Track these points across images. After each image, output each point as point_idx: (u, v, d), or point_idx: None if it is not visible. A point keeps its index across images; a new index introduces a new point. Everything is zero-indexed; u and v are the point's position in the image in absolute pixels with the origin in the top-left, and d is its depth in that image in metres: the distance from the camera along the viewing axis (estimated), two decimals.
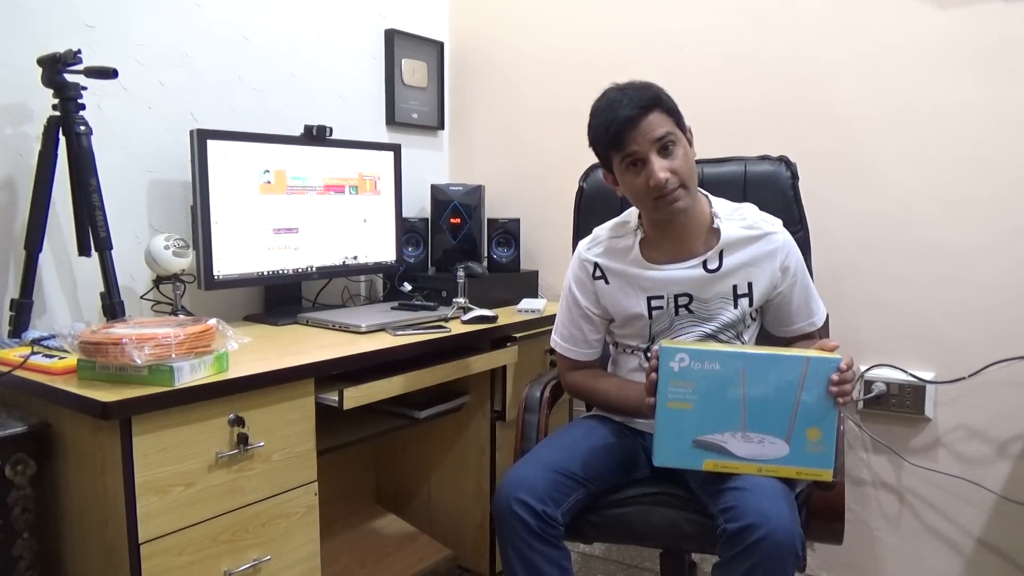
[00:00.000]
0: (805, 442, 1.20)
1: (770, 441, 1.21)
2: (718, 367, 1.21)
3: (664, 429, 1.23)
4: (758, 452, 1.22)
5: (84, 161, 1.50)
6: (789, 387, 1.19)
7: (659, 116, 1.32)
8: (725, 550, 1.18)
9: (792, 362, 1.20)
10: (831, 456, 1.20)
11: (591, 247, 1.52)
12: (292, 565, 1.44)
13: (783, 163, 1.67)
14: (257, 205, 1.81)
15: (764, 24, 1.99)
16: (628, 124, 1.31)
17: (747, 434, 1.22)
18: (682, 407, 1.22)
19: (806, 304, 1.47)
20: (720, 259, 1.42)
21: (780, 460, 1.21)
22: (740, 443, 1.22)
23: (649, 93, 1.33)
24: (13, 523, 1.26)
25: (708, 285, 1.43)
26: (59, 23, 1.59)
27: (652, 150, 1.31)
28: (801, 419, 1.20)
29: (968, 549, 1.85)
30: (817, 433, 1.20)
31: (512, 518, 1.26)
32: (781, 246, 1.43)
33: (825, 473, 1.21)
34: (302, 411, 1.44)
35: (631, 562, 2.16)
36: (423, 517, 2.13)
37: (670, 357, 1.22)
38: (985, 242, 1.77)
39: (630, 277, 1.46)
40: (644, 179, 1.32)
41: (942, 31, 1.77)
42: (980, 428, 1.82)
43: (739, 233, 1.42)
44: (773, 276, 1.43)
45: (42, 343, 1.42)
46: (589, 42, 2.27)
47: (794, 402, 1.20)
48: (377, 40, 2.32)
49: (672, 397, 1.22)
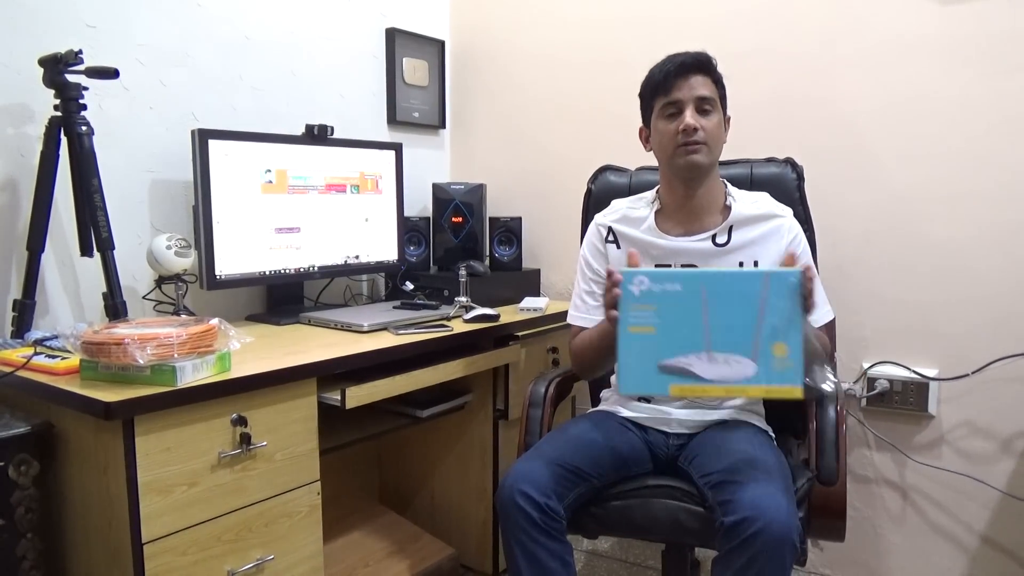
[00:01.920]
0: (772, 359, 1.16)
1: (736, 360, 1.17)
2: (679, 288, 1.18)
3: (627, 355, 1.20)
4: (725, 373, 1.18)
5: (86, 161, 1.50)
6: (751, 304, 1.16)
7: (707, 81, 1.44)
8: (723, 543, 1.19)
9: (752, 277, 1.18)
10: (799, 371, 1.16)
11: (608, 214, 1.59)
12: (295, 565, 1.45)
13: (789, 165, 1.68)
14: (259, 205, 1.81)
15: (766, 20, 1.98)
16: (681, 72, 1.42)
17: (712, 355, 1.18)
18: (645, 331, 1.19)
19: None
20: (729, 234, 1.47)
21: (748, 380, 1.17)
22: (706, 364, 1.18)
23: (708, 57, 1.45)
24: (17, 523, 1.26)
25: (715, 259, 1.47)
26: (60, 23, 1.59)
27: (692, 104, 1.42)
28: (766, 335, 1.16)
29: (972, 546, 1.85)
30: (784, 348, 1.16)
31: (515, 511, 1.27)
32: (789, 228, 1.48)
33: (795, 390, 1.16)
34: (304, 410, 1.44)
35: (635, 560, 2.16)
36: (426, 516, 2.13)
37: (629, 280, 1.19)
38: (988, 238, 1.77)
39: (640, 244, 1.51)
40: (676, 125, 1.42)
41: (944, 26, 1.77)
42: (984, 425, 1.81)
43: (750, 211, 1.48)
44: (779, 255, 1.44)
45: (45, 343, 1.42)
46: (590, 40, 2.27)
47: (757, 318, 1.16)
48: (378, 39, 2.32)
49: (634, 322, 1.19)
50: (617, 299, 1.19)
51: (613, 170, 1.82)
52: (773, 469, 1.27)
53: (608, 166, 1.83)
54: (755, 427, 1.46)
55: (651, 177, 1.75)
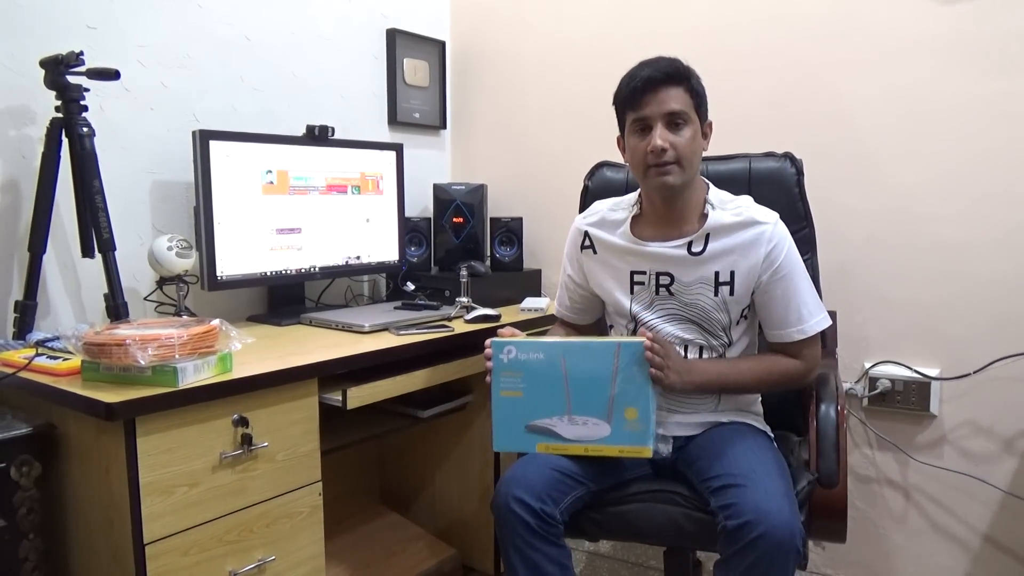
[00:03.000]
0: (624, 422, 1.30)
1: (594, 423, 1.32)
2: (542, 356, 1.33)
3: (500, 417, 1.35)
4: (584, 433, 1.32)
5: (87, 163, 1.50)
6: (604, 372, 1.30)
7: (679, 92, 1.36)
8: (725, 547, 1.18)
9: (604, 348, 1.31)
10: (649, 433, 1.30)
11: (586, 217, 1.57)
12: (297, 565, 1.44)
13: (788, 159, 1.66)
14: (260, 205, 1.81)
15: (767, 21, 1.98)
16: (647, 87, 1.35)
17: (573, 417, 1.32)
18: (513, 395, 1.34)
19: (796, 308, 1.39)
20: (705, 243, 1.42)
21: (603, 440, 1.32)
22: (568, 426, 1.33)
23: (678, 68, 1.37)
24: (19, 524, 1.26)
25: (690, 268, 1.43)
26: (61, 25, 1.60)
27: (661, 120, 1.35)
28: (618, 400, 1.30)
29: (974, 546, 1.85)
30: (634, 412, 1.30)
31: (511, 517, 1.27)
32: (768, 237, 1.38)
33: (645, 450, 1.30)
34: (306, 411, 1.44)
35: (636, 560, 2.16)
36: (427, 516, 2.13)
37: (499, 350, 1.35)
38: (990, 237, 1.77)
39: (615, 249, 1.50)
40: (646, 144, 1.36)
41: (947, 26, 1.77)
42: (986, 424, 1.81)
43: (727, 219, 1.41)
44: (756, 266, 1.39)
45: (46, 344, 1.42)
46: (591, 40, 2.27)
47: (610, 385, 1.30)
48: (379, 40, 2.32)
49: (504, 386, 1.35)
50: (490, 367, 1.34)
51: (610, 166, 1.82)
52: (774, 472, 1.26)
53: (605, 162, 1.83)
54: (754, 428, 1.45)
55: None
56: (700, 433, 1.45)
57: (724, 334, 1.45)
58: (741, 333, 1.46)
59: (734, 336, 1.45)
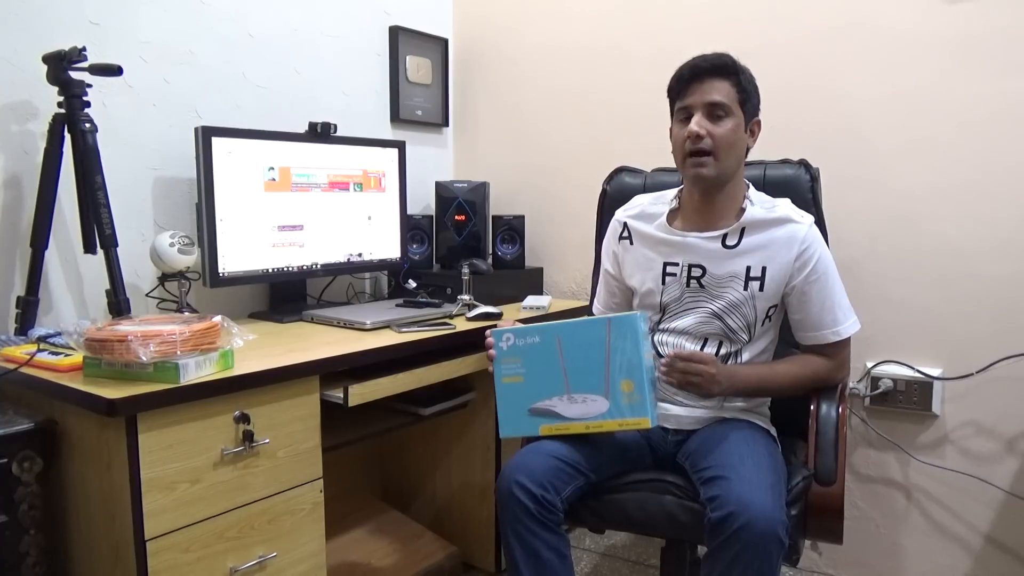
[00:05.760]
0: (621, 395, 1.32)
1: (592, 399, 1.34)
2: (538, 339, 1.36)
3: (504, 403, 1.40)
4: (583, 411, 1.35)
5: (89, 158, 1.50)
6: (598, 348, 1.32)
7: (725, 85, 1.39)
8: (711, 539, 1.19)
9: (596, 325, 1.34)
10: (646, 404, 1.31)
11: (627, 209, 1.60)
12: (298, 562, 1.45)
13: (803, 167, 1.66)
14: (262, 202, 1.81)
15: (771, 19, 1.98)
16: (693, 77, 1.39)
17: (572, 396, 1.35)
18: (514, 381, 1.38)
19: (829, 310, 1.44)
20: (740, 237, 1.44)
21: (603, 415, 1.34)
22: (568, 405, 1.36)
23: (726, 62, 1.40)
24: (20, 520, 1.26)
25: (723, 261, 1.45)
26: (64, 20, 1.59)
27: (701, 110, 1.38)
28: (614, 374, 1.32)
29: (976, 546, 1.84)
30: (630, 385, 1.31)
31: (512, 501, 1.29)
32: (803, 237, 1.42)
33: (644, 421, 1.31)
34: (307, 408, 1.44)
35: (637, 558, 2.16)
36: (428, 514, 2.13)
37: (498, 339, 1.39)
38: (993, 237, 1.76)
39: (652, 239, 1.52)
40: (684, 132, 1.39)
41: (952, 25, 1.76)
42: (988, 425, 1.81)
43: (763, 215, 1.44)
44: (788, 265, 1.42)
45: (48, 340, 1.42)
46: (593, 37, 2.26)
47: (604, 361, 1.32)
48: (381, 37, 2.32)
49: (505, 373, 1.39)
50: (492, 357, 1.39)
51: (628, 171, 1.83)
52: (764, 466, 1.27)
53: (623, 167, 1.84)
54: (755, 426, 1.45)
55: (666, 178, 1.75)
56: (703, 427, 1.46)
57: (745, 332, 1.46)
58: (762, 334, 1.48)
59: (755, 335, 1.47)
